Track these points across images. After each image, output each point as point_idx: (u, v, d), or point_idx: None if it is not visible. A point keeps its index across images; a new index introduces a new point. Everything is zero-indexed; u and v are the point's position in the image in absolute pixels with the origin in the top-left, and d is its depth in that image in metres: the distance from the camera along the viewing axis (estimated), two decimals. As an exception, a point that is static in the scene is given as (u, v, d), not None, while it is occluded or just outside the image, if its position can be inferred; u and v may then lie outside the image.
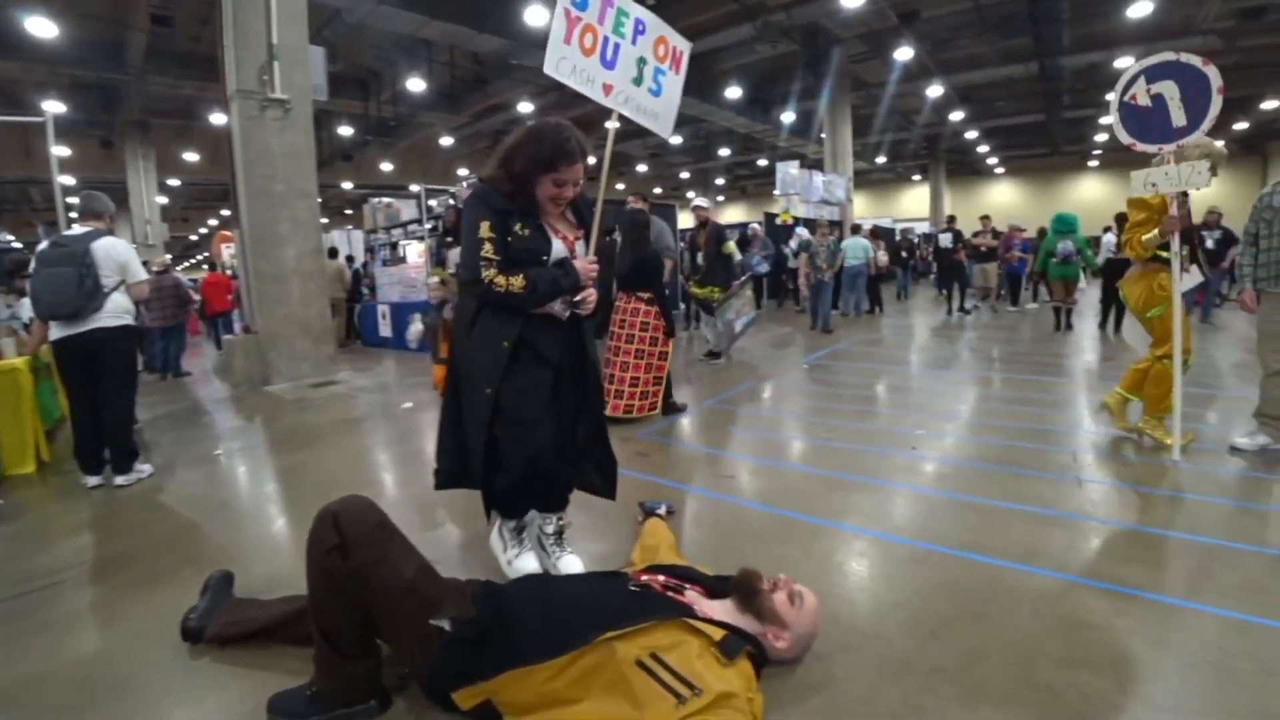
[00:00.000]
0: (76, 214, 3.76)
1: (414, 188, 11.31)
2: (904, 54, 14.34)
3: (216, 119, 15.08)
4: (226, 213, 24.93)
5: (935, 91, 17.08)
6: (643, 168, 29.26)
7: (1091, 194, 27.53)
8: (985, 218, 11.63)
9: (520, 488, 2.26)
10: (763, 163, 26.89)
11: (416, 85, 14.82)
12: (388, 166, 22.78)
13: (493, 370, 2.12)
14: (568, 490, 2.47)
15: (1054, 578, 2.28)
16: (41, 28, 10.48)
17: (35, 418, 4.18)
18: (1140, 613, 2.04)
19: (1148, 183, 3.40)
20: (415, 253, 10.01)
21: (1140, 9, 11.76)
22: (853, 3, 11.77)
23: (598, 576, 2.07)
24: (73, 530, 3.17)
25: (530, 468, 2.19)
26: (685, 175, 31.22)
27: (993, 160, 28.96)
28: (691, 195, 29.68)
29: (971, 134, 23.40)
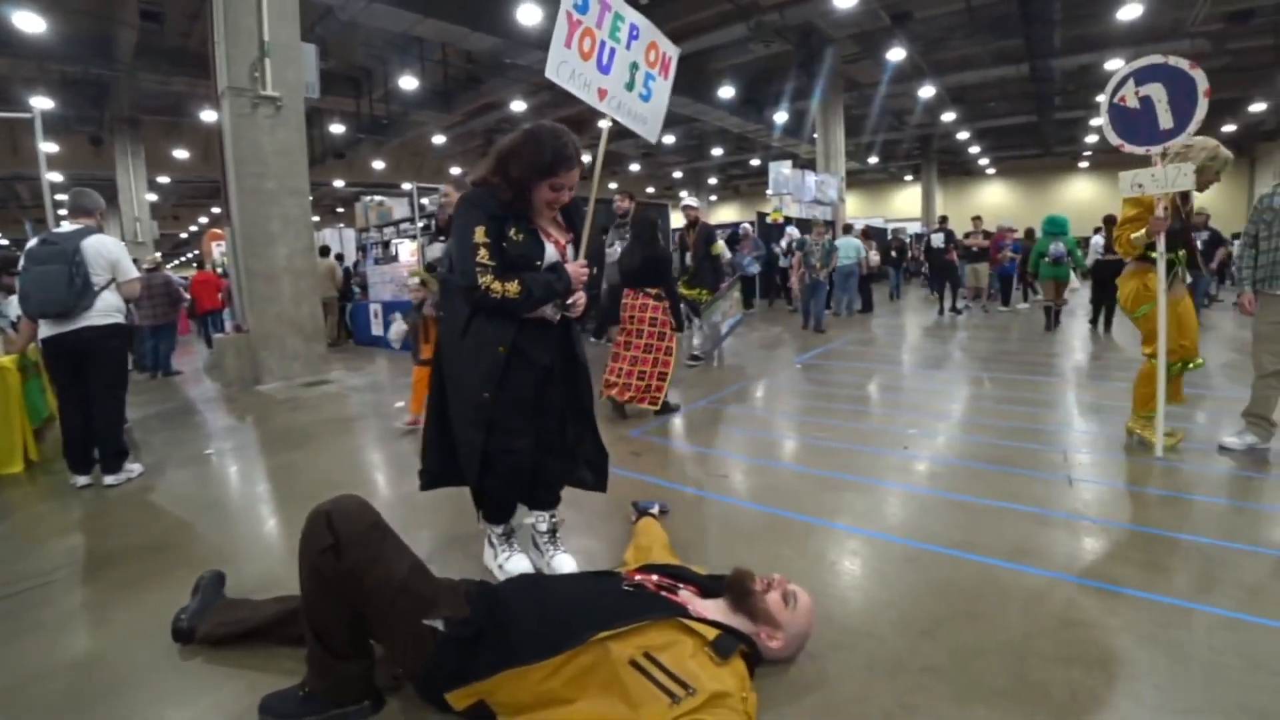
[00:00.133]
0: (66, 211, 3.72)
1: (406, 186, 11.27)
2: (896, 54, 14.43)
3: (207, 116, 15.02)
4: (217, 210, 24.79)
5: (927, 92, 17.18)
6: (635, 167, 29.28)
7: (1082, 195, 27.74)
8: (977, 218, 11.72)
9: (503, 494, 2.31)
10: (755, 162, 26.94)
11: (409, 83, 14.77)
12: (380, 165, 22.72)
13: (489, 375, 2.12)
14: (558, 487, 2.48)
15: (1045, 576, 2.29)
16: (30, 23, 10.39)
17: (23, 417, 4.14)
18: (1130, 611, 2.06)
19: (1134, 184, 3.42)
20: (407, 251, 9.98)
21: (1130, 11, 11.87)
22: (845, 3, 11.82)
23: (592, 576, 2.07)
24: (62, 530, 3.14)
25: (513, 476, 2.25)
26: (678, 175, 31.26)
27: (984, 161, 29.12)
28: (684, 195, 29.71)
29: (963, 135, 23.54)
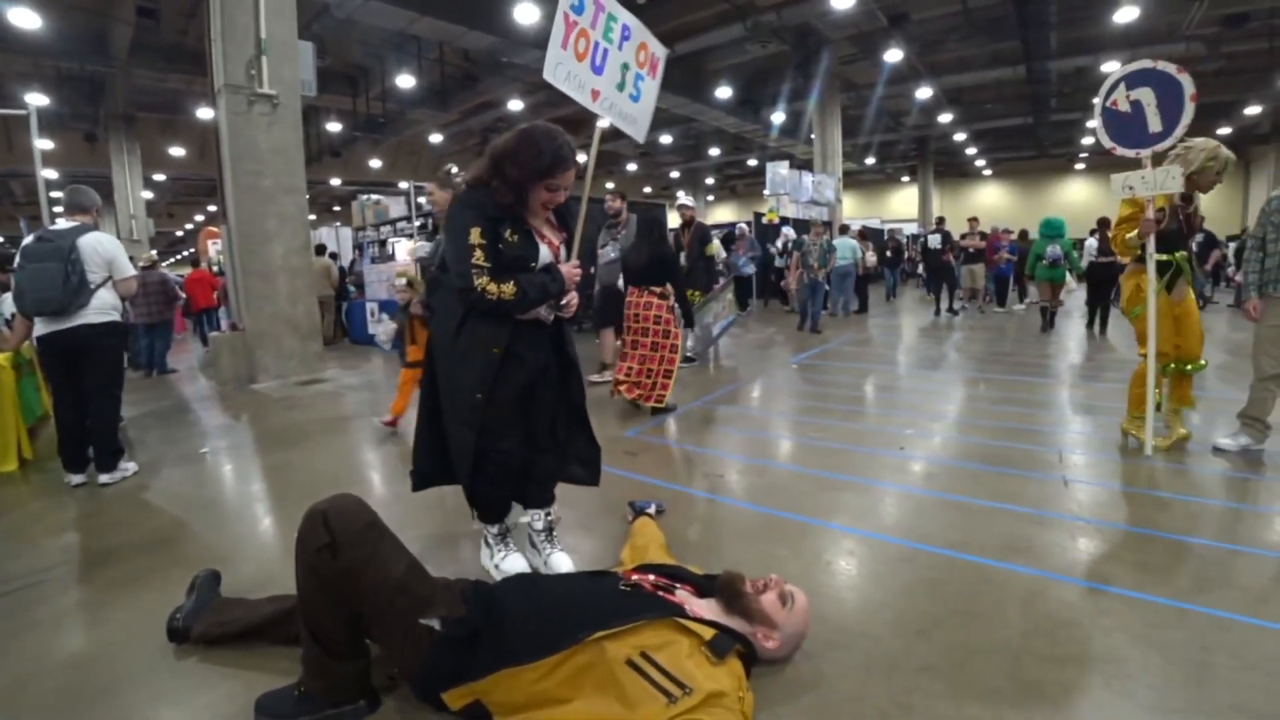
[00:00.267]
0: (62, 208, 3.70)
1: (403, 185, 11.26)
2: (893, 56, 14.46)
3: (203, 113, 14.98)
4: (213, 208, 24.72)
5: (924, 93, 17.23)
6: (632, 167, 29.28)
7: (1078, 196, 27.83)
8: (973, 219, 11.75)
9: (494, 493, 2.33)
10: (752, 163, 26.98)
11: (406, 82, 14.75)
12: (376, 163, 22.67)
13: (484, 376, 2.13)
14: (550, 485, 2.49)
15: (1040, 576, 2.30)
16: (25, 19, 10.34)
17: (17, 415, 4.12)
18: (1124, 611, 2.07)
19: (1125, 185, 3.47)
20: (404, 250, 9.97)
21: (1126, 14, 11.91)
22: (843, 4, 11.84)
23: (588, 576, 2.07)
24: (57, 529, 3.13)
25: (502, 475, 2.27)
26: (675, 175, 31.28)
27: (981, 162, 29.20)
28: (680, 194, 29.72)
29: (960, 136, 23.59)
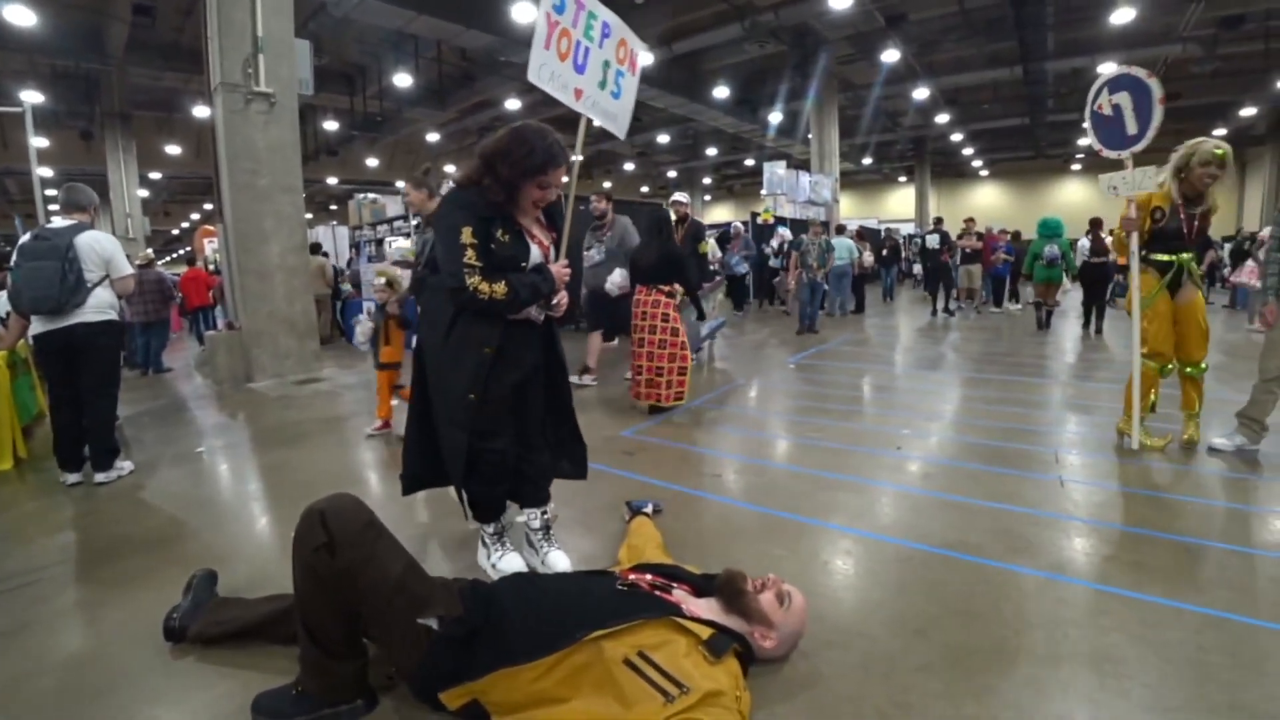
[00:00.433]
0: (59, 206, 3.68)
1: (400, 184, 11.25)
2: (891, 56, 14.48)
3: (199, 112, 14.93)
4: (209, 207, 24.65)
5: (921, 94, 17.26)
6: (630, 166, 29.29)
7: (1074, 197, 27.88)
8: (969, 220, 11.77)
9: (489, 493, 2.34)
10: (750, 162, 27.01)
11: (403, 81, 14.73)
12: (373, 162, 22.65)
13: (475, 376, 2.13)
14: (545, 483, 2.49)
15: (1036, 576, 2.31)
16: (20, 16, 10.30)
17: (12, 414, 4.11)
18: (1120, 610, 2.07)
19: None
20: (401, 249, 9.95)
21: (1123, 15, 11.95)
22: (841, 4, 11.85)
23: (585, 575, 2.07)
24: (52, 528, 3.12)
25: (497, 475, 2.28)
26: (672, 174, 31.27)
27: (978, 163, 29.26)
28: (676, 194, 29.71)
29: (957, 136, 23.64)
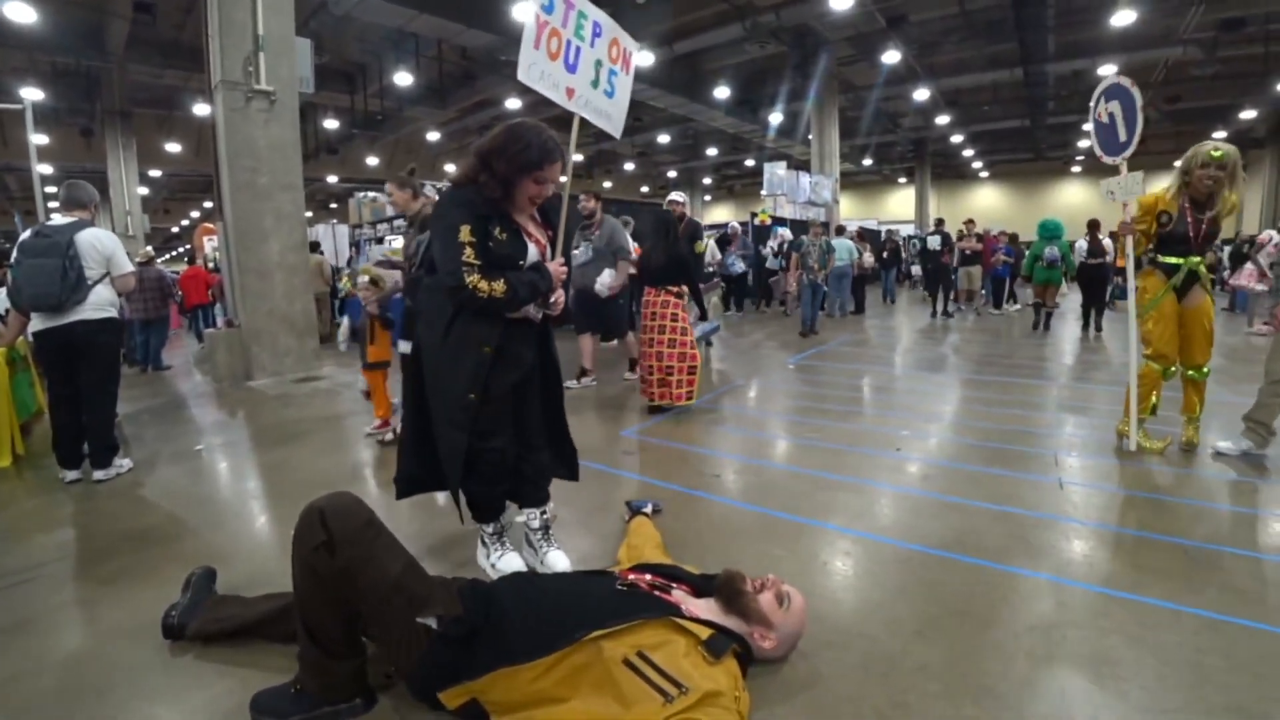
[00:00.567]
0: (59, 203, 3.67)
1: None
2: (891, 57, 14.50)
3: (200, 109, 14.92)
4: (209, 205, 24.63)
5: (922, 95, 17.28)
6: (630, 166, 29.29)
7: (1074, 199, 27.92)
8: (969, 221, 11.78)
9: (489, 493, 2.34)
10: (750, 163, 27.02)
11: (404, 79, 14.73)
12: (374, 160, 22.64)
13: (475, 376, 2.12)
14: (545, 482, 2.49)
15: (1035, 578, 2.31)
16: (20, 13, 10.30)
17: (11, 411, 4.10)
18: (1118, 612, 2.08)
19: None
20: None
21: (1123, 18, 11.96)
22: (841, 5, 11.86)
23: (585, 575, 2.07)
24: (51, 525, 3.12)
25: (496, 475, 2.28)
26: (673, 174, 31.29)
27: (978, 164, 29.30)
28: (673, 193, 29.71)
29: (957, 138, 23.68)
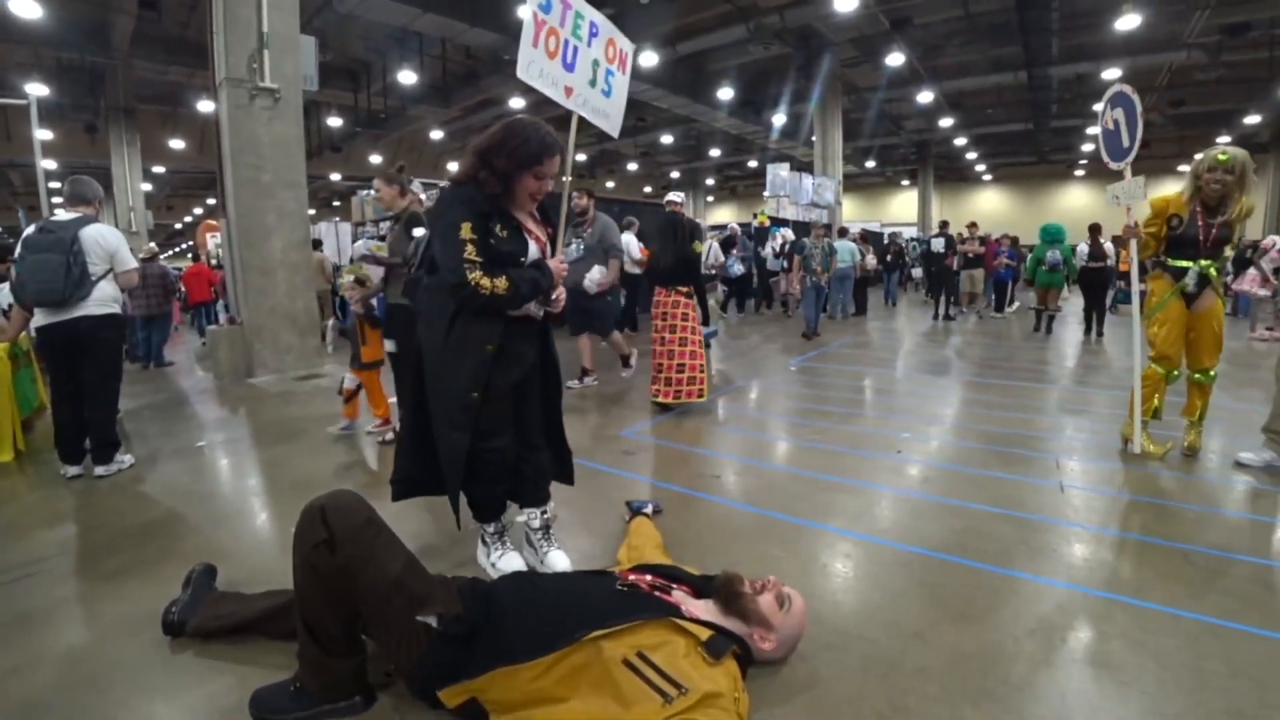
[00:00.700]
0: (63, 199, 3.67)
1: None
2: (895, 59, 14.49)
3: (204, 106, 14.95)
4: (212, 201, 24.67)
5: (925, 97, 17.27)
6: (633, 166, 29.29)
7: (1077, 202, 27.88)
8: (972, 224, 11.78)
9: (490, 493, 2.34)
10: (753, 164, 27.01)
11: (407, 78, 14.73)
12: (377, 159, 22.64)
13: (477, 375, 2.12)
14: (545, 482, 2.49)
15: (1036, 581, 2.31)
16: (26, 8, 10.31)
17: (13, 406, 4.10)
18: (1119, 616, 2.07)
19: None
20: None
21: (1128, 22, 11.95)
22: (845, 7, 11.85)
23: (585, 575, 2.07)
24: (51, 521, 3.12)
25: (498, 474, 2.28)
26: (675, 175, 31.29)
27: (981, 167, 29.27)
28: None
29: (960, 140, 23.66)
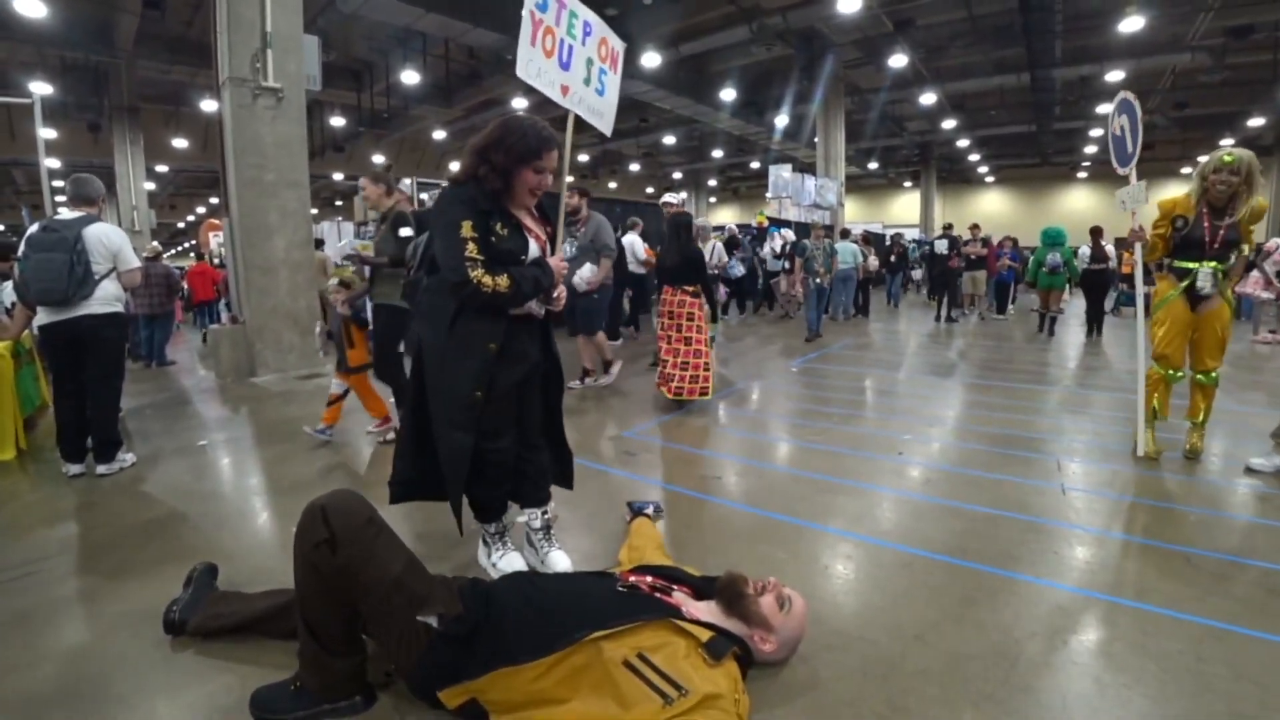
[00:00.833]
0: (67, 198, 3.68)
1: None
2: (898, 61, 14.47)
3: (207, 106, 14.96)
4: (215, 201, 24.71)
5: (928, 99, 17.25)
6: (635, 167, 29.29)
7: (1080, 205, 27.83)
8: (975, 226, 11.77)
9: (491, 493, 2.34)
10: (755, 165, 26.99)
11: (410, 77, 14.74)
12: (380, 158, 22.67)
13: (480, 374, 2.12)
14: (545, 482, 2.49)
15: (1037, 584, 2.31)
16: (30, 7, 10.32)
17: (15, 404, 4.11)
18: (1120, 619, 2.07)
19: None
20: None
21: (1131, 24, 11.93)
22: (849, 8, 11.84)
23: (586, 576, 2.07)
24: (53, 519, 3.13)
25: (500, 474, 2.28)
26: (678, 175, 31.29)
27: (984, 169, 29.22)
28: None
29: (963, 142, 23.62)
